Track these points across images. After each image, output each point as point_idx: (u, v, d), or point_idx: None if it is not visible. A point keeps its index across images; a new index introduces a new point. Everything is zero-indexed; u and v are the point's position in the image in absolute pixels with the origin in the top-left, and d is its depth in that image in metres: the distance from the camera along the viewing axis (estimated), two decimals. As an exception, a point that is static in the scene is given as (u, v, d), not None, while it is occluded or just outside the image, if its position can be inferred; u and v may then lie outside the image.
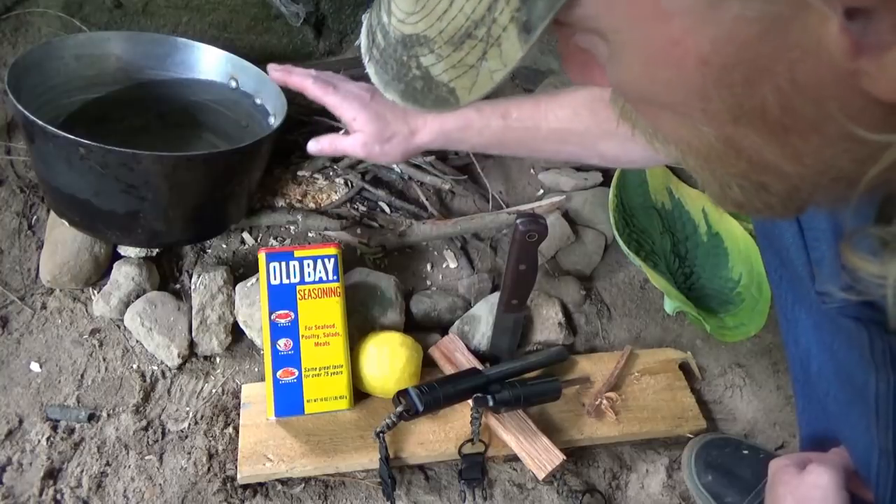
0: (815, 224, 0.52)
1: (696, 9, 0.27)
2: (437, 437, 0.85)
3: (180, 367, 0.88)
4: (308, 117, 1.07)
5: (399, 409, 0.80)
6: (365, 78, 0.42)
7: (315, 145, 0.84)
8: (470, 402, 0.83)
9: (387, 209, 1.07)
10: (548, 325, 0.97)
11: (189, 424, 0.84)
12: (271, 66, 0.84)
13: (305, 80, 0.80)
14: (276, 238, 1.01)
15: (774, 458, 0.61)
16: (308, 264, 0.86)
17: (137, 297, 0.90)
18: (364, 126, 0.79)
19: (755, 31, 0.27)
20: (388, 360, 0.84)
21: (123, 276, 0.90)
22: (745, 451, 0.89)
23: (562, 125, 0.77)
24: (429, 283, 1.03)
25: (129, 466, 0.80)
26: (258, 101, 1.00)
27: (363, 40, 0.39)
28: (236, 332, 0.91)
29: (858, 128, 0.29)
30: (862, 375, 0.51)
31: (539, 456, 0.83)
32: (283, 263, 0.85)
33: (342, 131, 0.87)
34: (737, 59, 0.28)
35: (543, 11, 0.30)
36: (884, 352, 0.49)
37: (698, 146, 0.34)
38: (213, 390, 0.88)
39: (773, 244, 0.61)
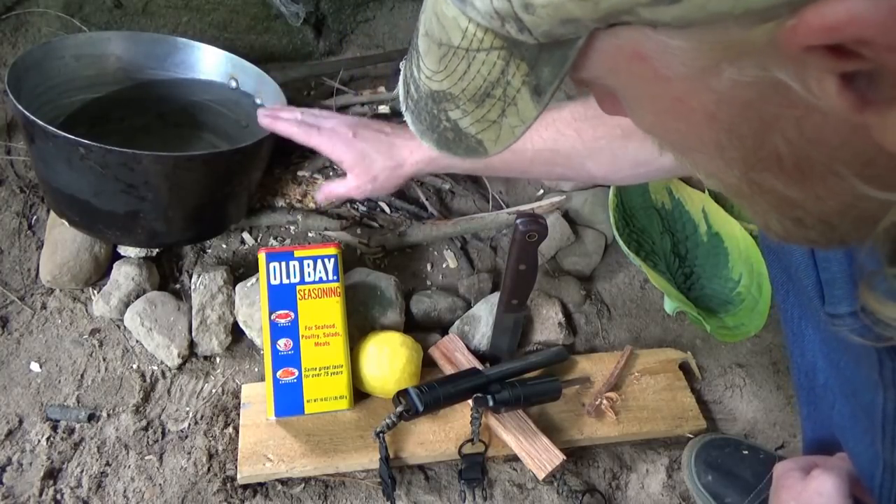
0: None
1: (692, 75, 0.28)
2: (437, 437, 0.85)
3: (180, 367, 0.88)
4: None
5: (399, 409, 0.80)
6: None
7: (320, 196, 0.90)
8: (470, 402, 0.83)
9: (387, 209, 1.06)
10: (548, 325, 0.97)
11: (189, 424, 0.84)
12: (260, 112, 0.87)
13: (291, 128, 0.84)
14: (276, 238, 1.01)
15: (775, 458, 0.61)
16: (308, 264, 0.86)
17: (137, 297, 0.90)
18: (352, 167, 0.83)
19: (755, 94, 0.27)
20: (388, 360, 0.84)
21: (123, 276, 0.90)
22: (745, 452, 0.89)
23: (547, 146, 0.77)
24: (429, 283, 1.03)
25: (129, 466, 0.80)
26: (258, 101, 1.00)
27: (400, 89, 0.42)
28: (236, 332, 0.91)
29: (864, 184, 0.29)
30: (869, 394, 0.51)
31: (539, 456, 0.83)
32: (283, 263, 0.85)
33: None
34: (742, 116, 0.29)
35: (550, 77, 0.32)
36: (893, 371, 0.48)
37: (728, 183, 0.34)
38: (213, 390, 0.88)
39: (781, 260, 0.60)
